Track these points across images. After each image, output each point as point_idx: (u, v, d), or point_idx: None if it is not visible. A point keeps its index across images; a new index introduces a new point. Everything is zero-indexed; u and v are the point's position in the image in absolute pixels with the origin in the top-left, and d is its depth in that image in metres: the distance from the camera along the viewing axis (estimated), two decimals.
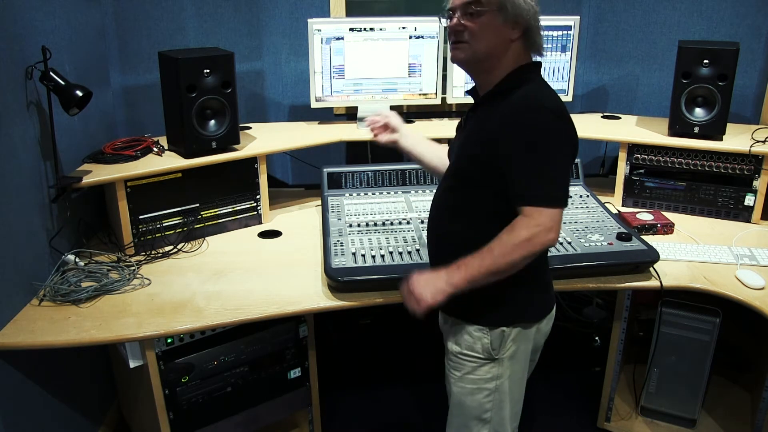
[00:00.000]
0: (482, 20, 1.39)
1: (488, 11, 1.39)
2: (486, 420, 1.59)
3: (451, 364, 1.61)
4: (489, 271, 1.38)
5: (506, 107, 1.40)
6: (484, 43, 1.41)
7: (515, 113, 1.38)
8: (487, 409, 1.58)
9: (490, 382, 1.55)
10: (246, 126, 2.66)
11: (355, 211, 2.28)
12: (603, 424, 2.32)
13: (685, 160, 2.45)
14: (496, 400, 1.57)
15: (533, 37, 1.43)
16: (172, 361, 1.81)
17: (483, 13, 1.39)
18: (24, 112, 1.81)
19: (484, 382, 1.56)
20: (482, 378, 1.55)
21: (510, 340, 1.53)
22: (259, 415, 2.02)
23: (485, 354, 1.53)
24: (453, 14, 1.43)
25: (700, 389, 2.16)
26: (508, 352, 1.54)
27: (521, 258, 1.36)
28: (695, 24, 2.74)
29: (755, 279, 1.92)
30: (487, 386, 1.56)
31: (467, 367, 1.56)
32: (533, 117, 1.36)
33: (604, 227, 2.14)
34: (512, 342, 1.53)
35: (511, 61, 1.44)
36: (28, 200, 1.84)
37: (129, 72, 2.58)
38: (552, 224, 1.35)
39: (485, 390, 1.56)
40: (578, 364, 2.76)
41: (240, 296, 1.86)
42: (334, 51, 2.57)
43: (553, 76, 2.73)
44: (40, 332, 1.67)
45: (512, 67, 1.44)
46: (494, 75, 1.45)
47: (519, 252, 1.36)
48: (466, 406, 1.59)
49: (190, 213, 2.26)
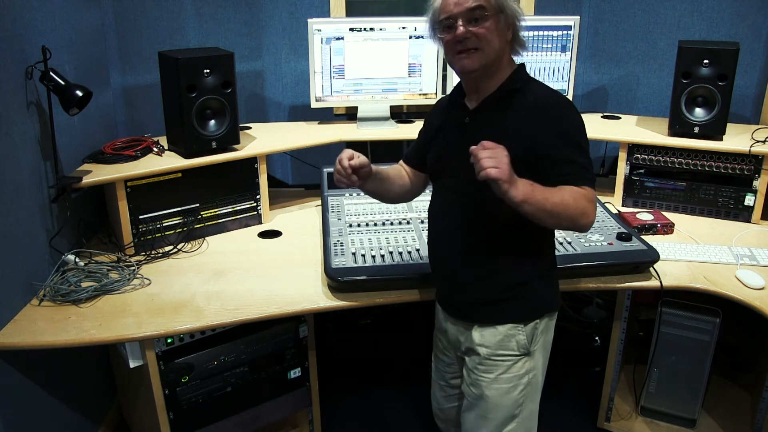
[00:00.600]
0: (488, 25, 1.41)
1: (492, 15, 1.41)
2: (516, 415, 1.60)
3: (481, 368, 1.58)
4: (553, 211, 1.32)
5: (532, 106, 1.43)
6: (494, 47, 1.43)
7: (548, 109, 1.43)
8: (520, 404, 1.59)
9: (524, 377, 1.57)
10: (246, 126, 2.66)
11: (355, 211, 2.28)
12: (603, 424, 2.32)
13: (685, 160, 2.45)
14: (529, 393, 1.59)
15: (519, 37, 1.48)
16: (172, 361, 1.81)
17: (489, 18, 1.40)
18: (24, 112, 1.81)
19: (518, 378, 1.57)
20: (517, 375, 1.57)
21: (540, 332, 1.56)
22: (259, 415, 2.02)
23: (521, 350, 1.55)
24: (455, 23, 1.42)
25: (700, 389, 2.16)
26: (540, 343, 1.57)
27: (571, 217, 1.35)
28: (695, 24, 2.74)
29: (755, 279, 1.92)
30: (522, 381, 1.57)
31: (501, 367, 1.56)
32: (565, 112, 1.43)
33: (604, 227, 2.14)
34: (542, 333, 1.57)
35: (506, 61, 1.48)
36: (28, 200, 1.84)
37: (129, 72, 2.58)
38: (596, 204, 1.41)
39: (521, 385, 1.58)
40: (578, 364, 2.76)
41: (240, 296, 1.86)
42: (334, 51, 2.57)
43: (553, 76, 2.73)
44: (40, 332, 1.67)
45: (509, 68, 1.47)
46: (497, 78, 1.47)
47: (574, 211, 1.35)
48: (503, 406, 1.59)
49: (190, 213, 2.26)
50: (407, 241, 2.03)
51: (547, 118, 1.42)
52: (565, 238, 2.05)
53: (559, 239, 2.03)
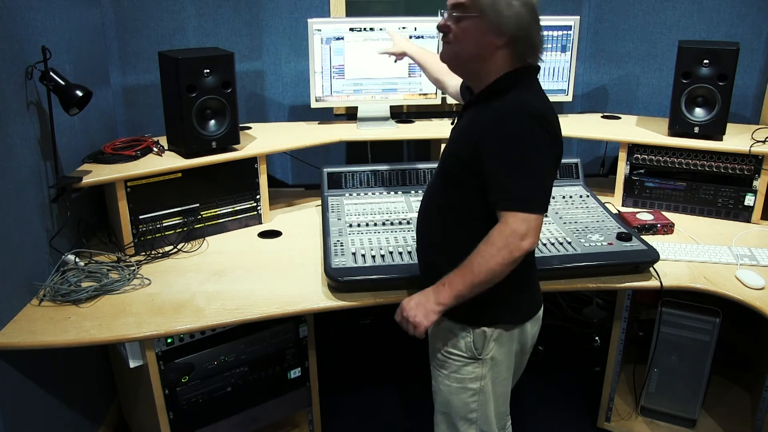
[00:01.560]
0: (463, 25, 1.41)
1: (470, 17, 1.39)
2: (472, 420, 1.60)
3: (436, 362, 1.62)
4: (473, 283, 1.39)
5: (490, 111, 1.41)
6: (465, 48, 1.43)
7: (495, 117, 1.38)
8: (472, 409, 1.59)
9: (475, 382, 1.57)
10: (246, 126, 2.66)
11: (355, 211, 2.28)
12: (603, 424, 2.32)
13: (685, 160, 2.45)
14: (481, 401, 1.58)
15: (521, 46, 1.42)
16: (172, 361, 1.81)
17: (464, 18, 1.40)
18: (24, 112, 1.81)
19: (468, 382, 1.57)
20: (467, 377, 1.56)
21: (492, 340, 1.53)
22: (259, 415, 2.02)
23: (469, 353, 1.54)
24: (445, 12, 1.45)
25: (700, 389, 2.16)
26: (491, 352, 1.55)
27: (500, 267, 1.37)
28: (695, 24, 2.74)
29: (755, 279, 1.92)
30: (471, 386, 1.57)
31: (453, 366, 1.57)
32: (511, 121, 1.36)
33: (604, 227, 2.14)
34: (495, 342, 1.54)
35: (499, 66, 1.43)
36: (28, 200, 1.84)
37: (129, 72, 2.58)
38: (527, 230, 1.35)
39: (470, 390, 1.57)
40: (578, 364, 2.76)
41: (240, 296, 1.86)
42: (334, 51, 2.57)
43: (553, 76, 2.73)
44: (40, 332, 1.67)
45: (501, 72, 1.44)
46: (483, 78, 1.46)
47: (496, 261, 1.36)
48: (452, 404, 1.61)
49: (190, 213, 2.26)
50: (407, 241, 2.03)
51: (493, 125, 1.38)
52: (565, 238, 2.05)
53: (559, 239, 2.03)
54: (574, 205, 2.33)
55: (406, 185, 2.45)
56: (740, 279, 1.94)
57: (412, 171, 2.46)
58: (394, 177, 2.45)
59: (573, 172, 2.52)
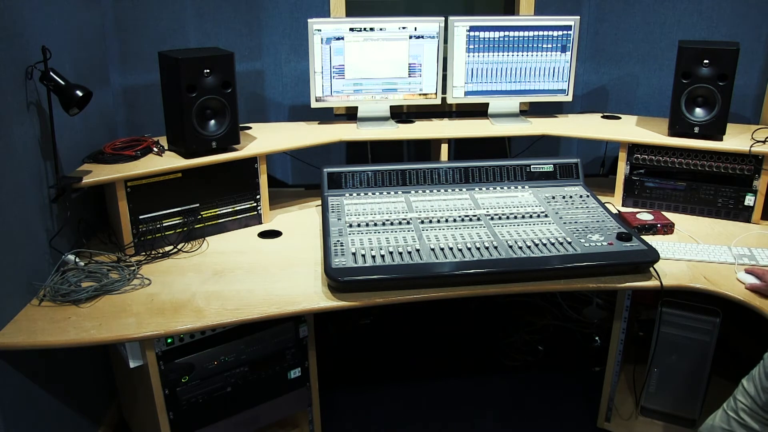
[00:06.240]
0: None
1: None
2: None
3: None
4: None
5: None
6: None
7: None
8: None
9: None
10: (246, 126, 2.66)
11: (355, 211, 2.28)
12: (603, 424, 2.32)
13: (685, 160, 2.45)
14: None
15: None
16: (172, 361, 1.81)
17: None
18: (24, 112, 1.81)
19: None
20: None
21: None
22: (259, 415, 2.02)
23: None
24: None
25: (700, 389, 2.16)
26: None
27: None
28: (695, 24, 2.75)
29: (755, 279, 1.92)
30: None
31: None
32: None
33: (604, 227, 2.14)
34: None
35: None
36: (28, 200, 1.84)
37: (129, 72, 2.59)
38: None
39: None
40: (578, 364, 2.76)
41: (240, 296, 1.86)
42: (334, 51, 2.57)
43: (553, 76, 2.73)
44: (40, 332, 1.67)
45: None
46: None
47: None
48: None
49: (190, 213, 2.26)
50: (407, 241, 2.03)
51: None
52: (565, 238, 2.05)
53: (559, 239, 2.03)
54: (574, 205, 2.34)
55: (406, 185, 2.45)
56: (740, 279, 1.94)
57: (412, 171, 2.45)
58: (394, 177, 2.45)
59: (573, 172, 2.52)
